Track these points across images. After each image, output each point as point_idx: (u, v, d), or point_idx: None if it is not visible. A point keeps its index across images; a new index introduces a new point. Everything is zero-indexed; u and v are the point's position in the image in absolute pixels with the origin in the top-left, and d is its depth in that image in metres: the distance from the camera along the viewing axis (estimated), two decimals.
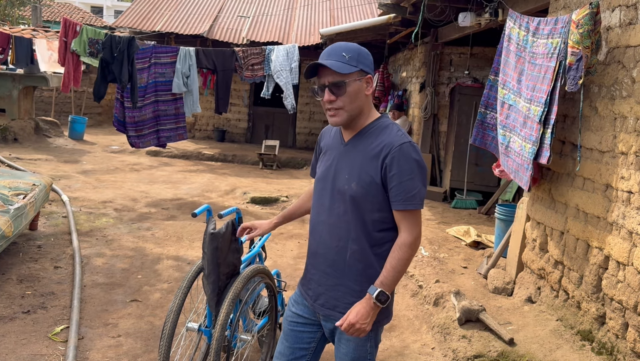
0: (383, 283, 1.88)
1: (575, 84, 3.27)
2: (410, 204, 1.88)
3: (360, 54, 1.91)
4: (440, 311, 4.12)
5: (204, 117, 13.99)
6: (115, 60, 7.13)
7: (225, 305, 2.61)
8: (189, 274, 2.85)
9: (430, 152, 8.72)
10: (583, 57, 3.20)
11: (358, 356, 2.03)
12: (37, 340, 3.40)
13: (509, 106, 4.10)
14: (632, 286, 2.99)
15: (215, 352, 2.55)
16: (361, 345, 2.01)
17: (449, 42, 8.31)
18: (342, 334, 2.01)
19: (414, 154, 1.89)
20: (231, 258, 2.72)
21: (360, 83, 1.91)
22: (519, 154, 3.92)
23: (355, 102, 1.92)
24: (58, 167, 9.00)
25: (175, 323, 2.70)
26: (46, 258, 4.79)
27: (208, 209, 2.82)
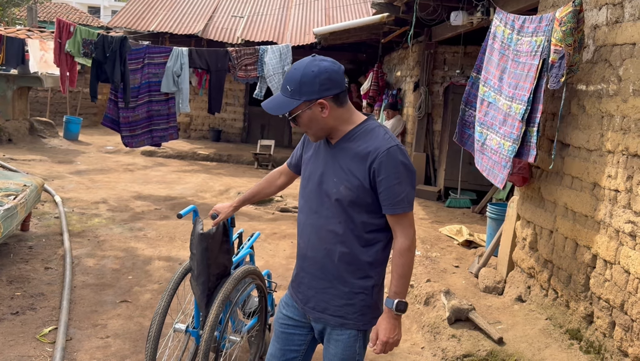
0: (397, 293, 1.92)
1: (558, 82, 3.27)
2: (398, 208, 1.90)
3: (302, 83, 1.88)
4: (431, 310, 4.12)
5: (200, 117, 13.98)
6: (108, 60, 7.12)
7: (215, 306, 2.60)
8: (175, 275, 2.84)
9: (425, 151, 8.72)
10: (565, 55, 3.21)
11: (347, 357, 2.04)
12: (25, 341, 3.39)
13: (489, 104, 4.10)
14: (618, 285, 2.99)
15: (204, 353, 2.54)
16: (350, 345, 2.03)
17: (442, 42, 8.31)
18: (332, 335, 2.03)
19: (401, 158, 1.90)
20: (222, 258, 2.71)
21: (310, 112, 1.91)
22: (496, 152, 3.92)
23: (316, 126, 1.95)
24: (52, 168, 8.99)
25: (161, 324, 2.69)
26: (37, 258, 4.78)
27: (194, 210, 2.81)
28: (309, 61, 1.92)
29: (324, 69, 1.89)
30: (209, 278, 2.68)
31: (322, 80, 1.88)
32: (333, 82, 1.90)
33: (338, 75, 1.92)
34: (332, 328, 2.04)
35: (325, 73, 1.89)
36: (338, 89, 1.92)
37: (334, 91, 1.91)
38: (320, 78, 1.88)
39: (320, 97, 1.89)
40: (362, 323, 2.00)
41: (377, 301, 2.03)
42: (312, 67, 1.89)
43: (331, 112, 1.93)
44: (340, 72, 1.93)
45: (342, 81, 1.94)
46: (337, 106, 1.94)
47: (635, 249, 2.87)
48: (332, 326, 2.03)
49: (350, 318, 2.00)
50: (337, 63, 1.96)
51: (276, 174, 2.41)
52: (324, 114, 1.92)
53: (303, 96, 1.89)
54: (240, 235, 3.32)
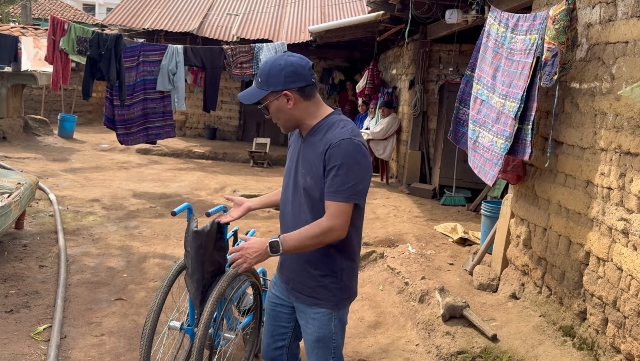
0: (285, 238, 2.07)
1: (550, 80, 3.28)
2: (336, 196, 2.01)
3: (270, 75, 2.05)
4: (425, 307, 4.14)
5: (195, 115, 13.96)
6: (103, 58, 7.10)
7: (209, 303, 2.59)
8: (170, 273, 2.84)
9: (420, 149, 8.74)
10: (558, 53, 3.22)
11: (323, 336, 2.20)
12: (19, 340, 3.39)
13: (481, 102, 4.11)
14: (611, 282, 3.01)
15: (198, 350, 2.54)
16: (325, 323, 2.19)
17: (437, 40, 8.33)
18: (308, 314, 2.21)
19: (351, 150, 2.00)
20: (216, 256, 2.71)
21: (277, 102, 2.08)
22: (488, 149, 3.94)
23: (283, 117, 2.12)
24: (47, 166, 8.96)
25: (155, 322, 2.69)
26: (31, 257, 4.77)
27: (189, 207, 2.81)
28: (278, 56, 2.08)
29: (290, 63, 2.05)
30: (203, 276, 2.68)
31: (287, 73, 2.04)
32: (298, 75, 2.05)
33: (304, 69, 2.06)
34: (308, 307, 2.20)
35: (290, 67, 2.05)
36: (303, 83, 2.07)
37: (299, 84, 2.06)
38: (286, 71, 2.04)
39: (285, 88, 2.05)
40: (334, 303, 2.17)
41: (347, 283, 2.20)
42: (279, 61, 2.06)
43: (296, 104, 2.08)
44: (306, 67, 2.07)
45: (307, 75, 2.07)
46: (302, 99, 2.09)
47: (628, 246, 2.89)
48: (308, 305, 2.20)
49: (323, 298, 2.17)
50: (305, 59, 2.10)
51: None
52: (289, 105, 2.08)
53: (270, 87, 2.06)
54: (235, 233, 3.32)
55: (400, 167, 9.31)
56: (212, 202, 7.39)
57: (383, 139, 8.98)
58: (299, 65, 2.06)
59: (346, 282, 2.19)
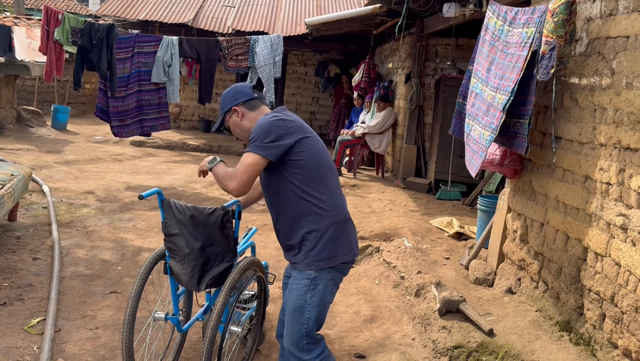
0: (221, 162, 2.58)
1: (547, 73, 3.26)
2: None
3: (223, 101, 2.63)
4: (422, 302, 4.13)
5: (190, 107, 13.88)
6: (94, 48, 7.01)
7: (222, 293, 2.61)
8: (147, 261, 2.83)
9: (415, 143, 8.73)
10: (556, 47, 3.20)
11: (298, 305, 2.50)
12: (12, 333, 3.35)
13: (476, 95, 4.10)
14: (609, 277, 3.01)
15: (210, 339, 2.54)
16: (302, 294, 2.49)
17: (434, 34, 8.30)
18: (291, 285, 2.55)
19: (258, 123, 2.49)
20: (221, 241, 2.72)
21: (232, 119, 2.62)
22: (477, 142, 3.92)
23: (240, 130, 2.62)
24: (40, 158, 8.88)
25: (134, 308, 2.70)
26: (25, 249, 4.72)
27: (159, 192, 2.81)
28: (226, 90, 2.67)
29: (233, 87, 2.66)
30: (200, 254, 2.70)
31: (232, 93, 2.62)
32: (240, 93, 2.61)
33: (244, 88, 2.63)
34: (294, 274, 2.57)
35: (233, 89, 2.64)
36: (246, 97, 2.60)
37: (242, 99, 2.60)
38: (231, 93, 2.63)
39: (232, 105, 2.59)
40: (306, 264, 2.48)
41: (321, 248, 2.47)
42: (227, 90, 2.67)
43: (245, 116, 2.59)
44: (246, 87, 2.64)
45: (249, 92, 2.61)
46: (249, 111, 2.59)
47: (627, 242, 2.88)
48: (293, 271, 2.58)
49: (299, 262, 2.52)
50: (246, 83, 2.69)
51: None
52: (239, 118, 2.59)
53: (224, 109, 2.62)
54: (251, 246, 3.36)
55: (395, 161, 9.29)
56: (207, 195, 7.35)
57: (379, 133, 8.96)
58: (240, 86, 2.65)
59: (315, 244, 2.47)
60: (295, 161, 2.44)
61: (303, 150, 2.45)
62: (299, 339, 2.51)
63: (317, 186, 2.48)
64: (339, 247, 2.50)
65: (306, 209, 2.47)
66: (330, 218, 2.49)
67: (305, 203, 2.47)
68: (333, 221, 2.49)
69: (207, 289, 2.89)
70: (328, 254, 2.47)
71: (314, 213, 2.47)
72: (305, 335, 2.50)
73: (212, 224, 2.68)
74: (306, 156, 2.45)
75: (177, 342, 3.15)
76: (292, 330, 2.51)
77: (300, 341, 2.51)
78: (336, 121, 12.39)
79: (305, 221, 2.47)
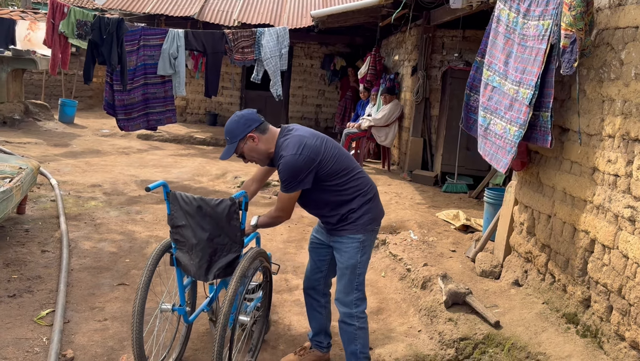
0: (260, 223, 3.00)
1: (571, 67, 3.22)
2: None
3: (232, 130, 2.78)
4: (428, 294, 4.14)
5: (196, 100, 13.88)
6: (105, 42, 7.03)
7: (233, 282, 2.65)
8: (154, 253, 2.85)
9: (422, 136, 8.70)
10: (577, 40, 3.17)
11: (351, 264, 2.90)
12: (22, 324, 3.39)
13: (493, 88, 4.06)
14: (616, 269, 3.00)
15: (222, 326, 2.58)
16: (353, 255, 2.90)
17: (441, 25, 8.24)
18: (342, 247, 2.92)
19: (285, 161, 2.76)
20: (229, 231, 2.75)
21: (247, 145, 2.80)
22: (501, 137, 3.89)
23: (256, 154, 2.84)
24: (48, 151, 8.92)
25: (143, 299, 2.73)
26: (33, 241, 4.76)
27: (164, 184, 2.84)
28: (230, 118, 2.82)
29: (240, 115, 2.81)
30: (209, 244, 2.74)
31: (243, 122, 2.78)
32: (251, 120, 2.79)
33: (252, 114, 2.81)
34: (340, 238, 2.92)
35: (242, 118, 2.79)
36: (256, 123, 2.79)
37: (254, 125, 2.78)
38: (241, 122, 2.78)
39: (247, 132, 2.76)
40: (356, 230, 2.88)
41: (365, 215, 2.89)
42: (234, 118, 2.80)
43: (260, 140, 2.80)
44: (253, 113, 2.82)
45: (257, 117, 2.81)
46: (262, 134, 2.81)
47: (634, 234, 2.87)
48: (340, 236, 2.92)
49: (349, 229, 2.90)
50: (250, 109, 2.87)
51: (249, 182, 3.19)
52: (255, 143, 2.79)
53: (237, 137, 2.77)
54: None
55: (402, 154, 9.27)
56: (213, 188, 7.38)
57: (385, 125, 8.94)
58: (247, 113, 2.81)
59: (366, 216, 2.88)
60: (326, 174, 2.81)
61: (327, 163, 2.80)
62: (350, 293, 2.92)
63: (349, 177, 2.87)
64: (377, 212, 2.97)
65: (348, 197, 2.87)
66: (369, 194, 2.93)
67: (346, 194, 2.86)
68: (371, 195, 2.94)
69: (213, 280, 2.91)
70: (370, 218, 2.91)
71: (355, 196, 2.88)
72: (356, 288, 2.92)
73: (219, 215, 2.71)
74: (331, 164, 2.81)
75: (183, 333, 3.18)
76: (345, 286, 2.92)
77: (351, 294, 2.92)
78: (342, 114, 12.36)
79: (351, 203, 2.87)
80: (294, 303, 4.13)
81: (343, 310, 2.96)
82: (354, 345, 2.98)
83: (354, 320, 2.94)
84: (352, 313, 2.93)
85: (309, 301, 3.25)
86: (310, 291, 3.22)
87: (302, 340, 3.57)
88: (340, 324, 3.01)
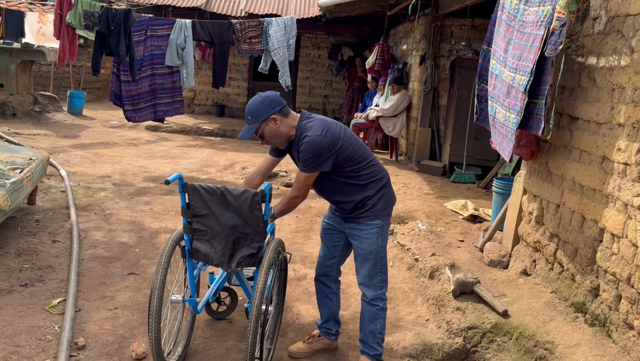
0: (278, 211, 3.01)
1: (555, 50, 3.21)
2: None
3: (255, 110, 2.79)
4: (436, 283, 4.14)
5: (203, 92, 13.90)
6: (112, 33, 7.03)
7: (262, 272, 2.69)
8: (167, 248, 2.85)
9: (430, 126, 8.67)
10: (567, 23, 3.14)
11: (373, 249, 3.00)
12: (34, 312, 3.43)
13: (496, 76, 4.04)
14: (626, 258, 2.99)
15: (255, 318, 2.61)
16: (374, 240, 2.99)
17: (449, 14, 8.19)
18: (361, 235, 3.00)
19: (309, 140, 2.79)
20: (252, 222, 2.79)
21: (269, 126, 2.82)
22: (503, 125, 3.88)
23: (277, 136, 2.86)
24: (57, 142, 8.98)
25: (161, 298, 2.74)
26: (44, 232, 4.81)
27: (180, 177, 2.86)
28: (253, 98, 2.84)
29: (265, 96, 2.82)
30: (232, 232, 2.79)
31: (267, 103, 2.79)
32: (275, 102, 2.81)
33: (276, 97, 2.83)
34: (358, 226, 3.00)
35: (267, 99, 2.81)
36: (280, 106, 2.82)
37: (278, 107, 2.81)
38: (265, 103, 2.79)
39: (270, 114, 2.78)
40: (374, 216, 2.96)
41: (381, 201, 2.98)
42: (257, 99, 2.82)
43: (282, 122, 2.83)
44: (277, 95, 2.85)
45: (280, 100, 2.83)
46: (284, 118, 2.83)
47: None
48: (357, 224, 3.00)
49: (367, 216, 2.97)
50: (273, 91, 2.87)
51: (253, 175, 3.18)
52: (277, 125, 2.82)
53: (260, 119, 2.79)
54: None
55: (409, 144, 9.25)
56: (221, 179, 7.40)
57: (392, 116, 8.91)
58: (271, 95, 2.83)
59: (382, 201, 2.98)
60: (344, 159, 2.86)
61: (346, 149, 2.85)
62: (374, 276, 3.03)
63: (364, 164, 2.94)
64: (390, 197, 3.07)
65: (362, 183, 2.94)
66: (383, 180, 3.02)
67: (361, 180, 2.93)
68: (384, 181, 3.03)
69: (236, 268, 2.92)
70: (386, 204, 3.02)
71: (370, 182, 2.96)
72: (380, 271, 3.04)
73: (242, 204, 2.75)
74: (349, 150, 2.87)
75: (189, 322, 3.21)
76: (370, 271, 3.02)
77: (374, 277, 3.03)
78: (350, 105, 12.33)
79: (366, 190, 2.95)
80: (302, 293, 4.15)
81: (368, 292, 3.06)
82: (374, 325, 3.09)
83: (378, 301, 3.08)
84: (377, 294, 3.06)
85: (320, 288, 3.30)
86: (322, 278, 3.28)
87: (310, 328, 3.60)
88: (364, 304, 3.12)
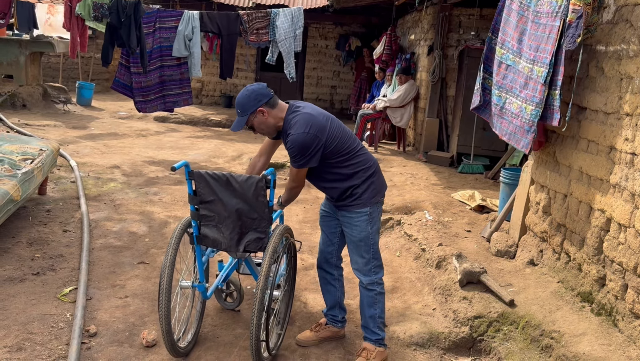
0: (283, 201, 3.18)
1: (573, 42, 3.20)
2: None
3: (242, 104, 2.89)
4: (442, 273, 4.16)
5: (211, 83, 13.92)
6: (123, 25, 7.07)
7: (267, 257, 2.76)
8: (176, 231, 2.92)
9: (438, 117, 8.65)
10: (583, 15, 3.13)
11: (364, 236, 3.07)
12: (46, 301, 3.50)
13: (507, 67, 4.02)
14: (632, 248, 3.00)
15: (260, 301, 2.67)
16: (364, 228, 3.06)
17: (457, 4, 8.14)
18: (352, 222, 3.08)
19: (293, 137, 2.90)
20: (258, 207, 2.86)
21: (257, 118, 2.93)
22: (518, 116, 3.87)
23: (265, 127, 2.98)
24: (66, 133, 9.06)
25: (170, 277, 2.80)
26: (55, 221, 4.87)
27: (186, 164, 2.95)
28: (241, 91, 2.93)
29: (251, 90, 2.91)
30: (238, 217, 2.86)
31: (254, 97, 2.89)
32: (261, 95, 2.90)
33: (262, 89, 2.93)
34: (348, 213, 3.08)
35: (253, 93, 2.90)
36: (267, 98, 2.91)
37: (264, 100, 2.90)
38: (252, 97, 2.89)
39: (257, 107, 2.89)
40: (363, 204, 3.04)
41: (369, 189, 3.05)
42: (244, 92, 2.92)
43: (269, 114, 2.93)
44: (263, 87, 2.94)
45: (267, 92, 2.92)
46: (271, 109, 2.93)
47: None
48: (348, 211, 3.08)
49: (356, 204, 3.05)
50: (259, 83, 2.98)
51: (256, 158, 3.30)
52: (265, 117, 2.92)
53: (248, 111, 2.90)
54: None
55: (417, 135, 9.24)
56: (229, 170, 7.44)
57: (400, 106, 8.90)
58: (257, 88, 2.92)
59: (370, 189, 3.05)
60: (331, 151, 2.94)
61: (332, 141, 2.93)
62: (367, 263, 3.11)
63: (353, 154, 3.02)
64: (379, 185, 3.14)
65: (352, 172, 3.03)
66: (371, 169, 3.09)
67: (348, 169, 3.01)
68: (373, 170, 3.10)
69: (244, 253, 2.99)
70: (374, 192, 3.09)
71: (359, 171, 3.04)
72: (373, 257, 3.11)
73: (247, 190, 2.82)
74: (335, 143, 2.94)
75: (199, 309, 3.26)
76: (362, 257, 3.10)
77: (368, 263, 3.11)
78: (357, 95, 12.31)
79: (354, 179, 3.03)
80: (309, 282, 4.19)
81: (364, 278, 3.14)
82: (373, 309, 3.16)
83: (374, 285, 3.15)
84: (373, 279, 3.13)
85: (323, 275, 3.38)
86: (324, 265, 3.36)
87: (317, 316, 3.64)
88: (362, 289, 3.19)
